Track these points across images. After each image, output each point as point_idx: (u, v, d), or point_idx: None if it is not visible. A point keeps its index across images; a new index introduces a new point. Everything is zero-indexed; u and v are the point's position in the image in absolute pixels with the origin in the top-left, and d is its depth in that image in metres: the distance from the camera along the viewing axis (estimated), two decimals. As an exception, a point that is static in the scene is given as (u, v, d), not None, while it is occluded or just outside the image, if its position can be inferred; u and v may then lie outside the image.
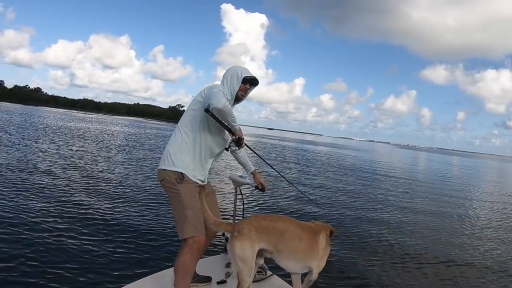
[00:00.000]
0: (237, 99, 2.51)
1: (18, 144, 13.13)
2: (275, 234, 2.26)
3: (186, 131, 2.39)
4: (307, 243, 2.34)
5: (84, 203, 6.22)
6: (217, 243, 4.00)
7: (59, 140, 16.55)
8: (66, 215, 5.42)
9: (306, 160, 21.72)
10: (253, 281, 2.57)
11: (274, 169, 3.33)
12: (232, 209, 3.39)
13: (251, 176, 3.01)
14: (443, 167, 34.24)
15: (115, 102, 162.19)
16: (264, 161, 3.22)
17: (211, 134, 2.41)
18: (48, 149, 12.82)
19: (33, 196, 6.25)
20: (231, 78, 2.46)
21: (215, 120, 2.23)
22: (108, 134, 25.29)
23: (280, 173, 3.49)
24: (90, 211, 5.73)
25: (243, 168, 2.94)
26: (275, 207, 7.55)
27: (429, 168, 31.61)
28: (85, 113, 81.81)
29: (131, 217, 5.71)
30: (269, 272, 2.96)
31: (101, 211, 5.83)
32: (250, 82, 2.51)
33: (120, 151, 15.47)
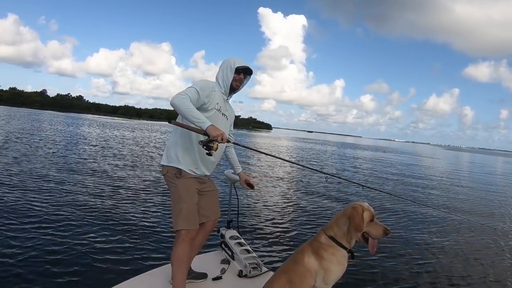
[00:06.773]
0: (233, 89, 2.56)
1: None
2: None
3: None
4: (298, 274, 2.15)
5: (87, 201, 6.37)
6: (212, 239, 3.59)
7: (63, 142, 15.69)
8: (67, 212, 5.54)
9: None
10: (249, 277, 2.80)
11: (287, 160, 4.26)
12: (227, 206, 3.36)
13: (238, 175, 2.98)
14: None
15: (156, 108, 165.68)
16: (275, 156, 3.87)
17: None
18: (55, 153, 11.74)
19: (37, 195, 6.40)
20: (226, 69, 2.50)
21: (179, 126, 2.22)
22: (120, 138, 23.73)
23: (295, 162, 8.65)
24: (92, 209, 5.83)
25: (232, 168, 2.95)
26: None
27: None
28: (124, 119, 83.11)
29: (130, 213, 5.77)
30: (264, 268, 2.95)
31: (103, 208, 5.93)
32: (244, 71, 2.53)
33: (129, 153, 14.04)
